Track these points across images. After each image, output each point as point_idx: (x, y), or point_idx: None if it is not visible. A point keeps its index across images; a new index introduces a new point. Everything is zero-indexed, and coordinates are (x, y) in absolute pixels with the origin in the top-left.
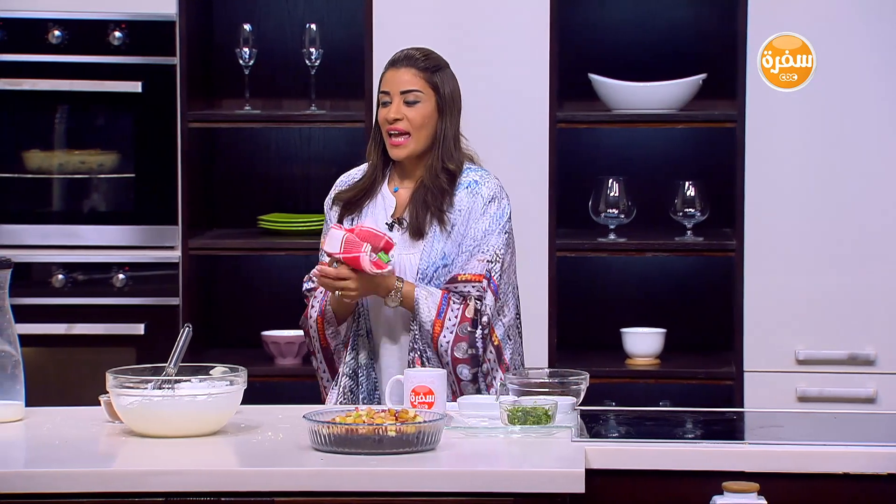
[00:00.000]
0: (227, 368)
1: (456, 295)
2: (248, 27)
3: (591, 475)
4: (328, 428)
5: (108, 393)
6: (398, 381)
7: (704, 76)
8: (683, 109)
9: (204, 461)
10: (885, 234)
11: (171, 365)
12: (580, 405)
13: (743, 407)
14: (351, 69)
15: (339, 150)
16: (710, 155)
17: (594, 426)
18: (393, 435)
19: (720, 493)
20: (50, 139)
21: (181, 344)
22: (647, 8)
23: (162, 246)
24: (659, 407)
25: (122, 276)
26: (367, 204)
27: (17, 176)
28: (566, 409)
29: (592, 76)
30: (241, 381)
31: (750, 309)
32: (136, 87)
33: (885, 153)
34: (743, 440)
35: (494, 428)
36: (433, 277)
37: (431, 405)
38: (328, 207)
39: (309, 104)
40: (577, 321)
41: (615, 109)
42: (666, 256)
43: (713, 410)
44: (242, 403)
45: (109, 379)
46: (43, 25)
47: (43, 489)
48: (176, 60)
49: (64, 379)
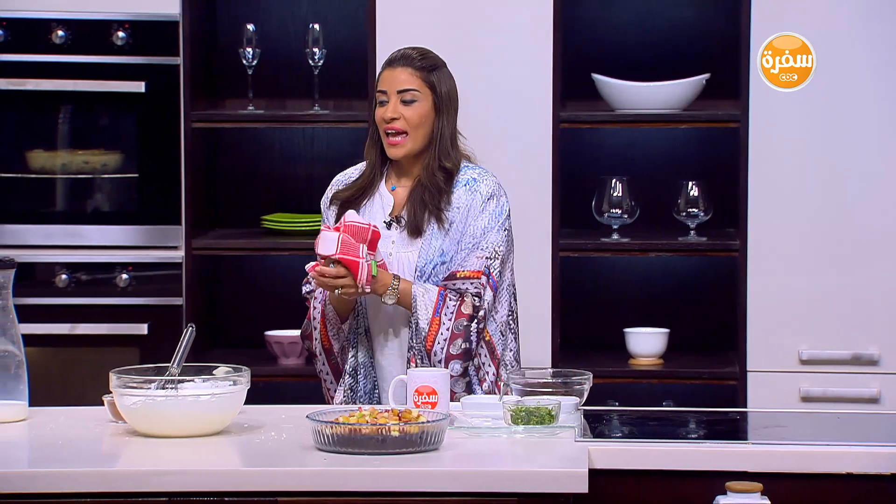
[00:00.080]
0: (230, 368)
1: (453, 292)
2: (251, 27)
3: (594, 475)
4: (331, 428)
5: (111, 393)
6: (401, 381)
7: (708, 76)
8: (687, 109)
9: (207, 461)
10: (888, 234)
11: (174, 365)
12: (583, 405)
13: (746, 407)
14: (354, 69)
15: (342, 149)
16: (713, 155)
17: (598, 426)
18: (396, 435)
19: (724, 493)
20: (53, 139)
21: (184, 344)
22: (650, 8)
23: (165, 246)
24: (662, 407)
25: (125, 276)
26: (365, 203)
27: (20, 176)
28: (569, 409)
29: (595, 76)
30: (244, 381)
31: (753, 309)
32: (139, 87)
33: (888, 153)
34: (746, 440)
35: (498, 428)
36: (431, 275)
37: (435, 405)
38: (325, 207)
39: (312, 104)
40: (580, 321)
41: (618, 109)
42: (669, 256)
43: (716, 410)
44: (245, 403)
45: (113, 379)
46: (46, 25)
47: (46, 489)
48: (179, 60)
49: (67, 379)
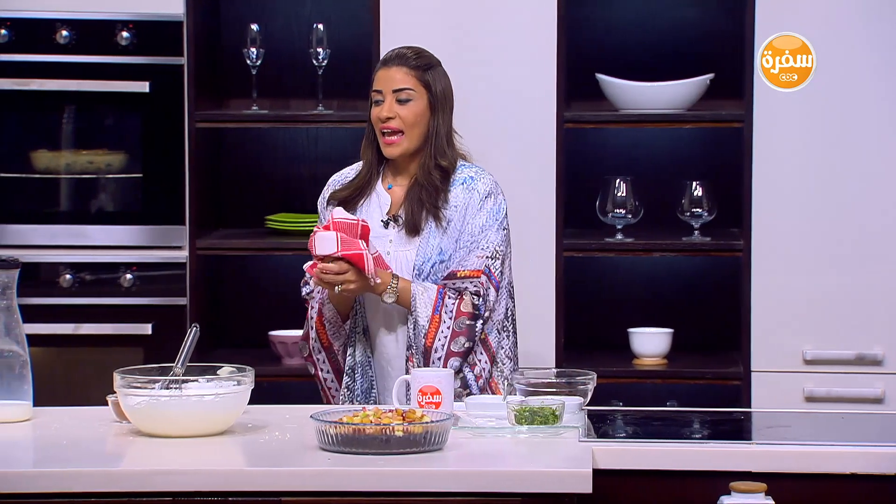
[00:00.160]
0: (234, 368)
1: (452, 290)
2: (255, 27)
3: (598, 475)
4: (335, 428)
5: (115, 393)
6: (405, 381)
7: (711, 76)
8: (691, 109)
9: (211, 461)
10: (892, 234)
11: (178, 365)
12: (587, 405)
13: (750, 407)
14: (358, 69)
15: (346, 150)
16: (717, 155)
17: (601, 426)
18: (400, 435)
19: (727, 493)
20: (57, 139)
21: (188, 344)
22: (654, 8)
23: (169, 246)
24: (666, 407)
25: (129, 276)
26: (362, 202)
27: (24, 176)
28: (573, 409)
29: (599, 76)
30: (248, 381)
31: (757, 309)
32: (143, 87)
33: (891, 153)
34: (750, 440)
35: (502, 428)
36: (430, 274)
37: (438, 405)
38: (322, 207)
39: (316, 104)
40: (584, 321)
41: (622, 109)
42: (673, 256)
43: (720, 410)
44: (250, 403)
45: (117, 379)
46: (50, 25)
47: (50, 489)
48: (183, 60)
49: (71, 379)
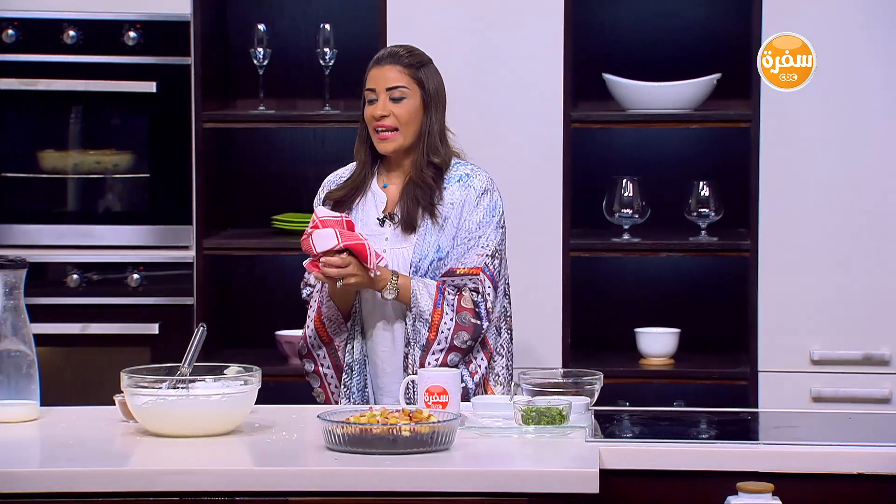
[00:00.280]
0: (241, 368)
1: (451, 287)
2: (262, 27)
3: (605, 475)
4: (342, 428)
5: (122, 392)
6: (412, 381)
7: (719, 76)
8: (698, 109)
9: (218, 461)
10: None
11: (185, 365)
12: (594, 405)
13: (757, 407)
14: (365, 69)
15: (352, 150)
16: (724, 155)
17: (608, 426)
18: (407, 435)
19: (735, 493)
20: (65, 139)
21: (195, 344)
22: (661, 8)
23: (176, 246)
24: (673, 407)
25: (136, 275)
26: (357, 201)
27: (32, 176)
28: (580, 409)
29: (607, 76)
30: (255, 380)
31: (764, 309)
32: (150, 87)
33: None
34: (757, 440)
35: (508, 428)
36: (427, 271)
37: (445, 405)
38: (318, 207)
39: (323, 104)
40: (591, 321)
41: (629, 109)
42: (680, 256)
43: (727, 410)
44: (256, 403)
45: (124, 378)
46: (58, 25)
47: (58, 488)
48: (190, 60)
49: (79, 378)
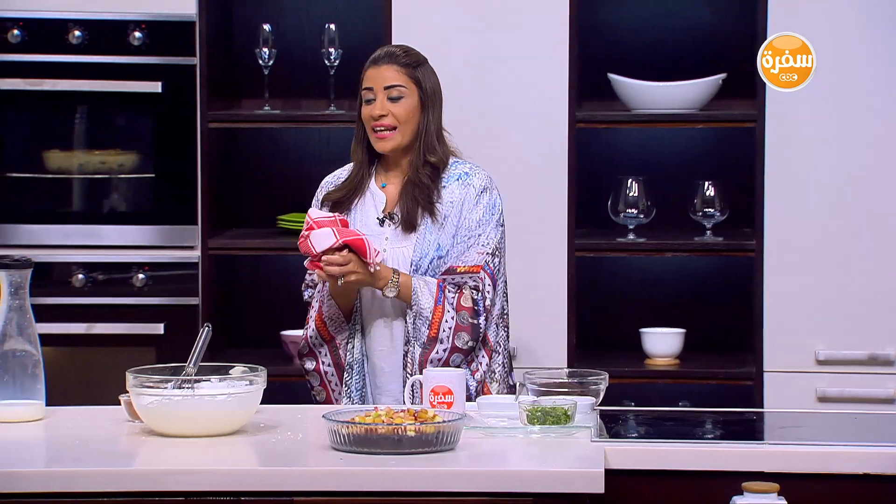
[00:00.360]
0: (246, 368)
1: (451, 284)
2: (267, 27)
3: (610, 475)
4: (347, 428)
5: (127, 392)
6: (417, 381)
7: (724, 76)
8: (703, 109)
9: (223, 461)
10: None
11: (190, 364)
12: (599, 405)
13: (763, 407)
14: None
15: None
16: (729, 155)
17: (613, 426)
18: (412, 435)
19: (740, 493)
20: (70, 139)
21: (201, 343)
22: (666, 8)
23: (181, 246)
24: (678, 407)
25: (141, 275)
26: (356, 202)
27: (37, 176)
28: (585, 409)
29: (612, 76)
30: (260, 380)
31: (770, 309)
32: (155, 87)
33: None
34: (763, 440)
35: (514, 428)
36: (428, 269)
37: (451, 405)
38: (310, 209)
39: (328, 104)
40: (596, 321)
41: (635, 109)
42: (685, 256)
43: (733, 411)
44: (262, 403)
45: (129, 378)
46: (63, 26)
47: (63, 488)
48: (196, 60)
49: (84, 378)
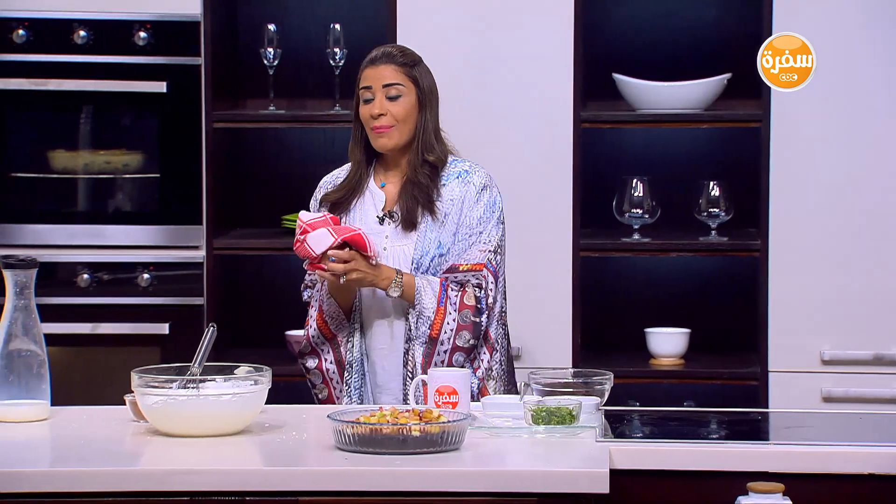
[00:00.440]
0: (251, 368)
1: (454, 283)
2: (272, 27)
3: (615, 475)
4: (352, 428)
5: (132, 392)
6: (422, 381)
7: (729, 76)
8: (708, 109)
9: (228, 461)
10: None
11: (195, 364)
12: (604, 405)
13: (768, 407)
14: None
15: None
16: (734, 155)
17: (618, 426)
18: (417, 435)
19: (745, 493)
20: (75, 139)
21: (206, 343)
22: (671, 7)
23: (186, 246)
24: (683, 407)
25: (146, 275)
26: (355, 202)
27: (42, 176)
28: (590, 409)
29: (616, 76)
30: (265, 380)
31: (775, 309)
32: (160, 87)
33: None
34: (768, 440)
35: (518, 428)
36: (429, 268)
37: (455, 405)
38: (315, 209)
39: (333, 104)
40: (601, 321)
41: (639, 109)
42: (690, 256)
43: (738, 411)
44: (266, 403)
45: (134, 378)
46: (68, 26)
47: (68, 488)
48: (201, 60)
49: (89, 378)
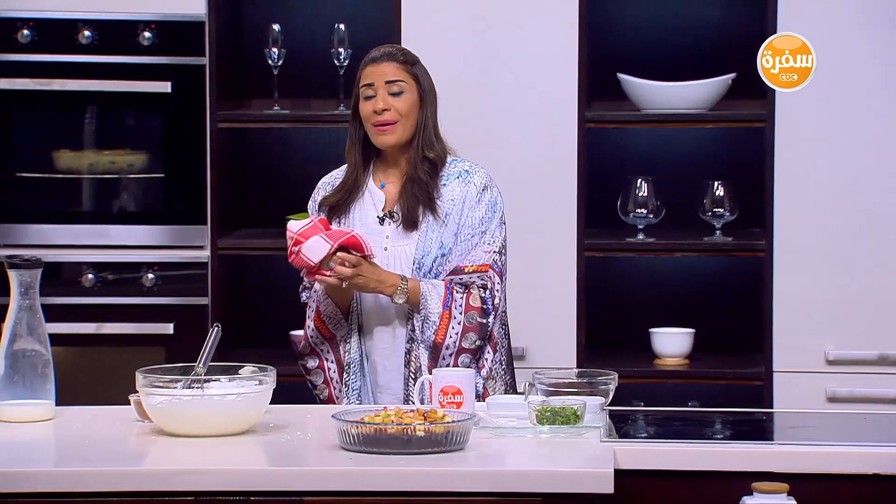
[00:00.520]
0: (255, 368)
1: (458, 285)
2: (276, 27)
3: (619, 475)
4: (357, 428)
5: (137, 392)
6: (427, 381)
7: (734, 76)
8: (713, 109)
9: (233, 461)
10: None
11: (200, 364)
12: (609, 405)
13: (772, 407)
14: None
15: None
16: (739, 155)
17: (623, 426)
18: (422, 435)
19: (750, 493)
20: (80, 139)
21: (210, 343)
22: (676, 7)
23: (191, 246)
24: (688, 407)
25: (151, 275)
26: (354, 203)
27: (47, 176)
28: (595, 409)
29: (621, 76)
30: (269, 380)
31: (779, 309)
32: (165, 87)
33: None
34: (772, 440)
35: (523, 428)
36: (431, 268)
37: (460, 405)
38: (313, 210)
39: (337, 104)
40: (605, 321)
41: (644, 109)
42: (695, 256)
43: (742, 411)
44: (271, 403)
45: (139, 378)
46: (73, 26)
47: (72, 488)
48: (205, 60)
49: (94, 378)
